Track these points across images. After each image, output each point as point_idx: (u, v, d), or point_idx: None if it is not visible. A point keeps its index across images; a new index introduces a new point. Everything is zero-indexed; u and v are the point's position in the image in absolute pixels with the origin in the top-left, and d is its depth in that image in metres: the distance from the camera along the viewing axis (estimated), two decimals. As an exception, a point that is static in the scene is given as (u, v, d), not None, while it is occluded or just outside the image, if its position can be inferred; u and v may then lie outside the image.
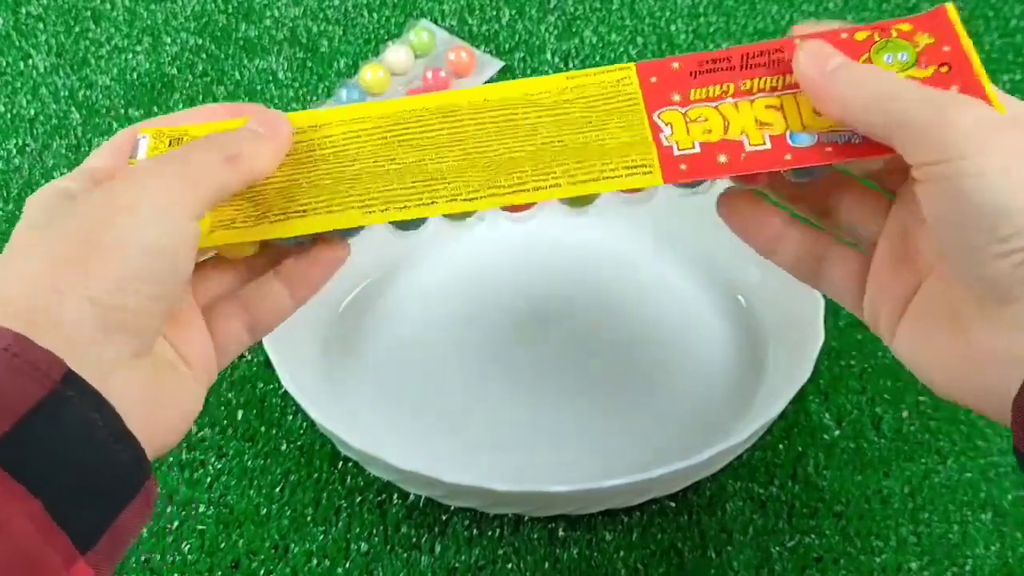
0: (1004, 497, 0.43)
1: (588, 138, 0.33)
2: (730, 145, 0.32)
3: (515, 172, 0.33)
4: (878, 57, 0.32)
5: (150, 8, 0.66)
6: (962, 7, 0.64)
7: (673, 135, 0.32)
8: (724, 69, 0.33)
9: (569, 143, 0.33)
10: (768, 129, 0.32)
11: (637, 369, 0.47)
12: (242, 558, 0.42)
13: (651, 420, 0.45)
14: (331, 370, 0.46)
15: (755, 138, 0.32)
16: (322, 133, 0.34)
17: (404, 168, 0.33)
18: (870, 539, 0.42)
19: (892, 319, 0.31)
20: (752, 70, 0.33)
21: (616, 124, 0.33)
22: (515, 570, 0.42)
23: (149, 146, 0.33)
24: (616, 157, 0.32)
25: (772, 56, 0.33)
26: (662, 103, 0.33)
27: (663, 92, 0.33)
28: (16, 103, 0.60)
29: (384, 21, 0.65)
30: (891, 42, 0.32)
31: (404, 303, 0.49)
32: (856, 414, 0.46)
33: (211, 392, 0.47)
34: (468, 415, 0.45)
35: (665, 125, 0.33)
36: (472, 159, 0.33)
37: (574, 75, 0.34)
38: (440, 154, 0.33)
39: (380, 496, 0.44)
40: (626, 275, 0.50)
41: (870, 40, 0.32)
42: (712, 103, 0.33)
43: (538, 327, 0.48)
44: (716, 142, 0.32)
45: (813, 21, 0.33)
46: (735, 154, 0.32)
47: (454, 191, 0.33)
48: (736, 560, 0.42)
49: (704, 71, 0.33)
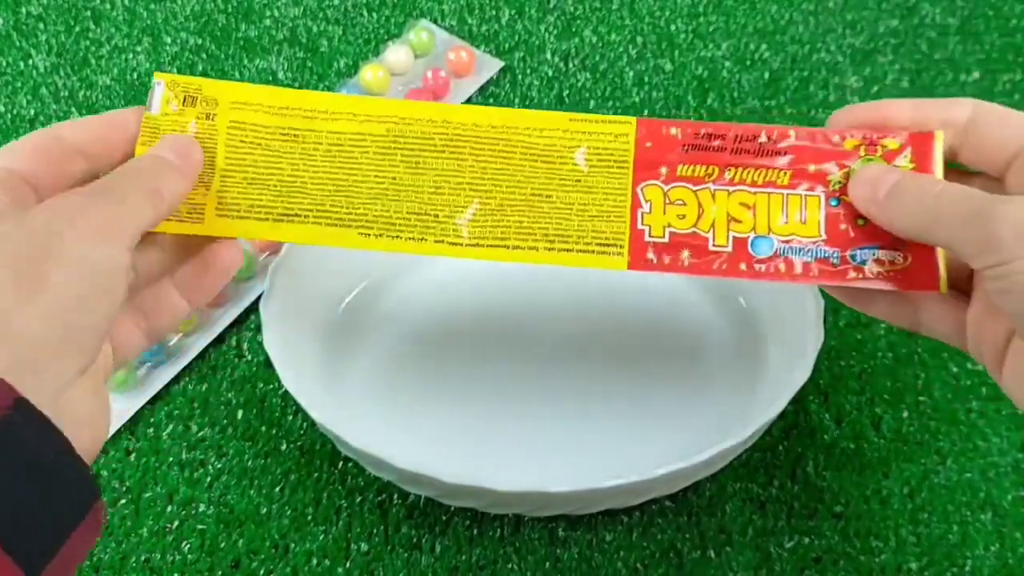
0: (1004, 497, 0.43)
1: (574, 199, 0.35)
2: (697, 240, 0.34)
3: (500, 226, 0.35)
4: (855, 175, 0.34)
5: (150, 8, 0.66)
6: (962, 7, 0.64)
7: (651, 214, 0.35)
8: (716, 149, 0.35)
9: (556, 200, 0.35)
10: (735, 228, 0.34)
11: (637, 369, 0.47)
12: (242, 558, 0.42)
13: (651, 420, 0.45)
14: (331, 370, 0.46)
15: (720, 237, 0.34)
16: (329, 127, 0.35)
17: (402, 191, 0.35)
18: (869, 539, 0.42)
19: (995, 359, 0.32)
20: (740, 156, 0.35)
21: (603, 190, 0.35)
22: (516, 570, 0.42)
23: (163, 97, 0.35)
24: (592, 229, 0.35)
25: (763, 145, 0.35)
26: (649, 175, 0.35)
27: (653, 162, 0.35)
28: (16, 103, 0.60)
29: (384, 21, 0.65)
30: (872, 160, 0.34)
31: (404, 303, 0.49)
32: (856, 414, 0.46)
33: (211, 392, 0.47)
34: (468, 415, 0.45)
35: (646, 202, 0.35)
36: (467, 197, 0.35)
37: (577, 117, 0.36)
38: (437, 183, 0.35)
39: (380, 496, 0.44)
40: (626, 276, 0.50)
41: (856, 152, 0.34)
42: (694, 186, 0.35)
43: (538, 327, 0.48)
44: (686, 233, 0.34)
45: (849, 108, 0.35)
46: (699, 252, 0.34)
47: (443, 232, 0.35)
48: (736, 560, 0.42)
49: (697, 146, 0.35)
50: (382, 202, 0.35)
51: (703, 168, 0.35)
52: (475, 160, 0.35)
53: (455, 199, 0.35)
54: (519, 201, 0.35)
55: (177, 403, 0.47)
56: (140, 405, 0.47)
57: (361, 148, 0.35)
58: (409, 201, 0.35)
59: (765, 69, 0.61)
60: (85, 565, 0.42)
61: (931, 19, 0.64)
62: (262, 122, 0.35)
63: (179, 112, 0.35)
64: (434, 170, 0.35)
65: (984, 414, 0.46)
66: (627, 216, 0.35)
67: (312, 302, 0.47)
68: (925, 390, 0.47)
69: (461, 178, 0.35)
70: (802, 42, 0.63)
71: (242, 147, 0.35)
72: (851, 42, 0.63)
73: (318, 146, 0.35)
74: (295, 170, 0.35)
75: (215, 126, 0.35)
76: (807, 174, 0.35)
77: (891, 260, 0.34)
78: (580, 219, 0.35)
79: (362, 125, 0.35)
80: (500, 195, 0.35)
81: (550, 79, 0.61)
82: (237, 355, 0.49)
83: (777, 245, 0.34)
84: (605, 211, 0.35)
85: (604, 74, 0.61)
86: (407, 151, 0.35)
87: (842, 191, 0.34)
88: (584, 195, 0.35)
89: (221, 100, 0.35)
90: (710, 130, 0.35)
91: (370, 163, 0.35)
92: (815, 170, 0.35)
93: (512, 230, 0.35)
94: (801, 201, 0.35)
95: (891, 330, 0.49)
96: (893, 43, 0.62)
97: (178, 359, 0.48)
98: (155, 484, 0.45)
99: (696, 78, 0.61)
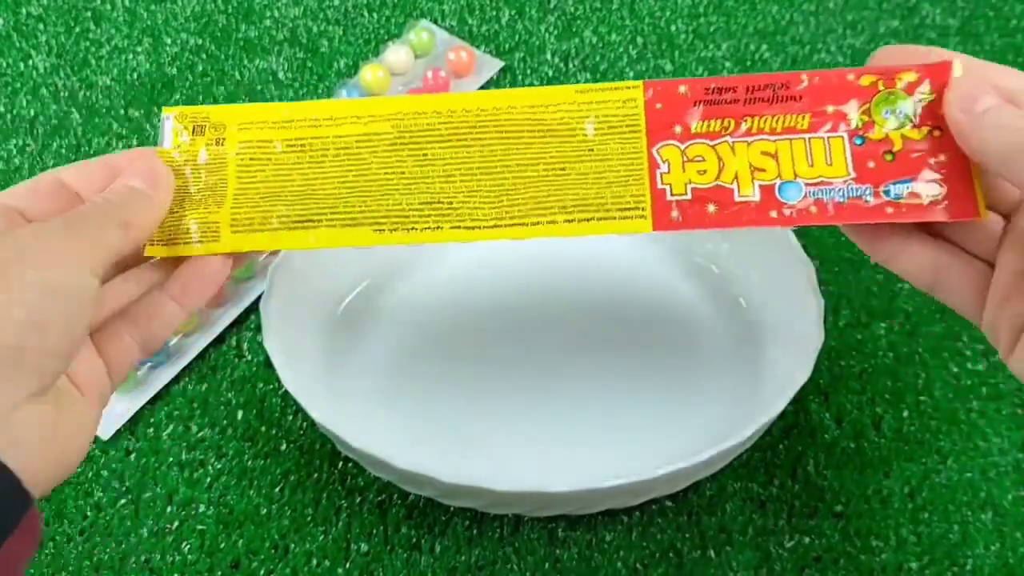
0: (1004, 497, 0.43)
1: (588, 168, 0.34)
2: (721, 193, 0.34)
3: (516, 204, 0.34)
4: (877, 111, 0.34)
5: (150, 8, 0.66)
6: (963, 7, 0.64)
7: (669, 174, 0.34)
8: (728, 102, 0.34)
9: (571, 172, 0.34)
10: (760, 176, 0.34)
11: (637, 369, 0.47)
12: (242, 558, 0.42)
13: (651, 420, 0.45)
14: (331, 370, 0.46)
15: (745, 187, 0.34)
16: (335, 132, 0.36)
17: (413, 183, 0.35)
18: (870, 539, 0.42)
19: (1012, 335, 0.31)
20: (754, 105, 0.34)
21: (617, 156, 0.34)
22: (515, 570, 0.42)
23: (173, 130, 0.36)
24: (612, 195, 0.34)
25: (777, 91, 0.34)
26: (663, 135, 0.34)
27: (666, 122, 0.34)
28: (16, 103, 0.60)
29: (384, 21, 0.65)
30: (893, 94, 0.33)
31: (404, 303, 0.49)
32: (856, 414, 0.46)
33: (211, 392, 0.47)
34: (468, 415, 0.45)
35: (663, 162, 0.34)
36: (478, 180, 0.35)
37: (583, 88, 0.35)
38: (447, 171, 0.35)
39: (380, 496, 0.44)
40: (627, 276, 0.50)
41: (874, 88, 0.34)
42: (711, 141, 0.34)
43: (539, 327, 0.48)
44: (709, 187, 0.34)
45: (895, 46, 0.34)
46: (724, 204, 0.33)
47: (459, 218, 0.34)
48: (736, 560, 0.42)
49: (709, 101, 0.34)
50: (394, 197, 0.35)
51: (718, 122, 0.34)
52: (482, 144, 0.35)
53: (468, 185, 0.35)
54: (534, 177, 0.34)
55: (177, 403, 0.47)
56: (140, 405, 0.47)
57: (369, 148, 0.35)
58: (420, 192, 0.35)
59: (765, 69, 0.61)
60: (85, 565, 0.42)
61: (931, 20, 0.64)
62: (269, 137, 0.35)
63: (191, 142, 0.35)
64: (442, 159, 0.35)
65: (984, 414, 0.46)
66: (646, 178, 0.34)
67: (312, 302, 0.47)
68: (925, 390, 0.47)
69: (471, 163, 0.35)
70: (802, 43, 0.63)
71: (253, 165, 0.35)
72: (851, 43, 0.63)
73: (326, 152, 0.35)
74: (306, 179, 0.35)
75: (225, 151, 0.35)
76: (826, 115, 0.34)
77: (927, 192, 0.33)
78: (598, 187, 0.34)
79: (367, 126, 0.35)
80: (512, 175, 0.35)
81: (550, 79, 0.61)
82: (237, 355, 0.49)
83: (806, 189, 0.33)
84: (623, 176, 0.34)
85: (604, 74, 0.61)
86: (414, 145, 0.35)
87: (866, 128, 0.34)
88: (600, 163, 0.34)
89: (228, 124, 0.36)
90: (720, 84, 0.34)
91: (378, 161, 0.35)
92: (834, 111, 0.34)
93: (529, 207, 0.34)
94: (824, 144, 0.34)
95: (891, 330, 0.49)
96: (893, 43, 0.62)
97: (178, 359, 0.48)
98: (155, 484, 0.45)
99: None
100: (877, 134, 0.34)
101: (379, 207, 0.35)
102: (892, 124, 0.33)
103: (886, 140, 0.34)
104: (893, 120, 0.33)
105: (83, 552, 0.42)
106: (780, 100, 0.34)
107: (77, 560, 0.42)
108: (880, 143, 0.33)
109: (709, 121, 0.34)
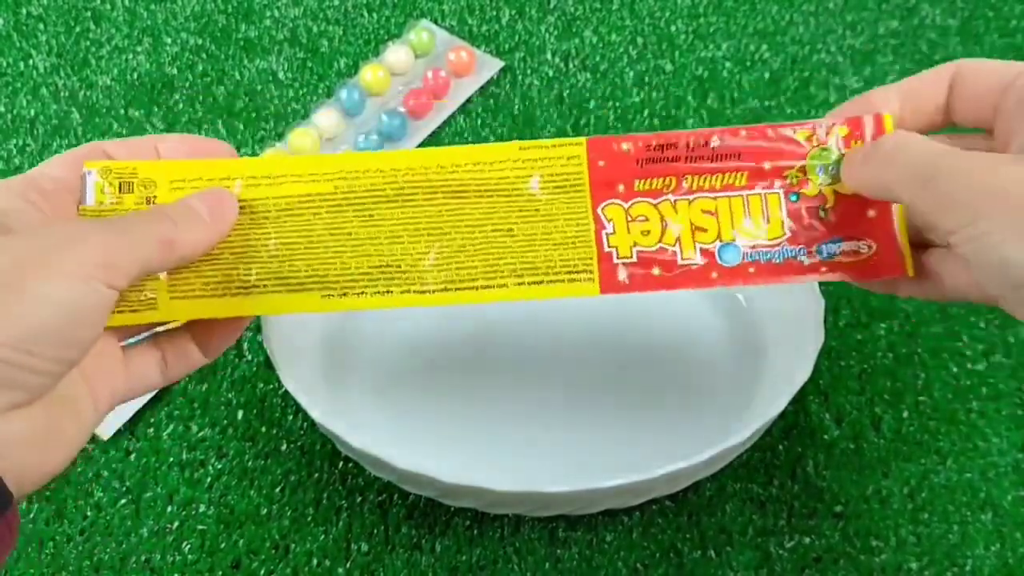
0: (1004, 497, 0.43)
1: (536, 229, 0.34)
2: (664, 255, 0.34)
3: (465, 267, 0.34)
4: (812, 167, 0.34)
5: (150, 8, 0.66)
6: (962, 8, 0.64)
7: (615, 235, 0.34)
8: (670, 159, 0.34)
9: (518, 233, 0.34)
10: (701, 238, 0.34)
11: (637, 369, 0.47)
12: (242, 558, 0.42)
13: (651, 420, 0.45)
14: (331, 370, 0.46)
15: (687, 250, 0.34)
16: (277, 192, 0.34)
17: (360, 246, 0.34)
18: (869, 539, 0.42)
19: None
20: (695, 163, 0.34)
21: (563, 216, 0.34)
22: (515, 570, 0.42)
23: (96, 186, 0.33)
24: (559, 258, 0.34)
25: (717, 149, 0.34)
26: (607, 194, 0.34)
27: (609, 180, 0.34)
28: (16, 103, 0.60)
29: (384, 21, 0.65)
30: (826, 150, 0.34)
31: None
32: (856, 414, 0.46)
33: (211, 392, 0.47)
34: (468, 415, 0.45)
35: (608, 222, 0.34)
36: (427, 242, 0.34)
37: (526, 145, 0.34)
38: (394, 232, 0.34)
39: (381, 496, 0.44)
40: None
41: (809, 143, 0.34)
42: (653, 200, 0.34)
43: (538, 327, 0.48)
44: (653, 250, 0.34)
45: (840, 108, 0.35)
46: (668, 267, 0.34)
47: (408, 282, 0.34)
48: (736, 560, 0.42)
49: (650, 159, 0.34)
50: (341, 260, 0.34)
51: (660, 180, 0.34)
52: (429, 204, 0.34)
53: (415, 247, 0.34)
54: (481, 239, 0.34)
55: (177, 403, 0.47)
56: (140, 405, 0.47)
57: (311, 209, 0.34)
58: (367, 255, 0.34)
59: (765, 70, 0.61)
60: (85, 565, 0.42)
61: (931, 20, 0.64)
62: None
63: (117, 201, 0.33)
64: (389, 220, 0.34)
65: (984, 414, 0.46)
66: (592, 239, 0.34)
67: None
68: (925, 390, 0.47)
69: (418, 224, 0.34)
70: (802, 43, 0.63)
71: None
72: (851, 43, 0.63)
73: (267, 214, 0.34)
74: (246, 240, 0.34)
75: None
76: (763, 172, 0.34)
77: (856, 250, 0.34)
78: (545, 248, 0.34)
79: (308, 186, 0.34)
80: (460, 236, 0.34)
81: (550, 79, 0.61)
82: (237, 355, 0.49)
83: (744, 251, 0.34)
84: (570, 237, 0.34)
85: (604, 74, 0.61)
86: (358, 206, 0.34)
87: (800, 185, 0.34)
88: (546, 223, 0.34)
89: (160, 181, 0.33)
90: (662, 141, 0.34)
91: (322, 223, 0.34)
92: (771, 167, 0.34)
93: (479, 270, 0.34)
94: (762, 200, 0.34)
95: (891, 330, 0.49)
96: (893, 44, 0.62)
97: (178, 359, 0.48)
98: (155, 484, 0.45)
99: (696, 78, 0.61)
100: (811, 190, 0.34)
101: (326, 271, 0.34)
102: (824, 180, 0.34)
103: (820, 196, 0.34)
104: (825, 176, 0.34)
105: (83, 552, 0.42)
106: (720, 158, 0.34)
107: (77, 560, 0.42)
108: (814, 199, 0.34)
109: (651, 179, 0.34)
